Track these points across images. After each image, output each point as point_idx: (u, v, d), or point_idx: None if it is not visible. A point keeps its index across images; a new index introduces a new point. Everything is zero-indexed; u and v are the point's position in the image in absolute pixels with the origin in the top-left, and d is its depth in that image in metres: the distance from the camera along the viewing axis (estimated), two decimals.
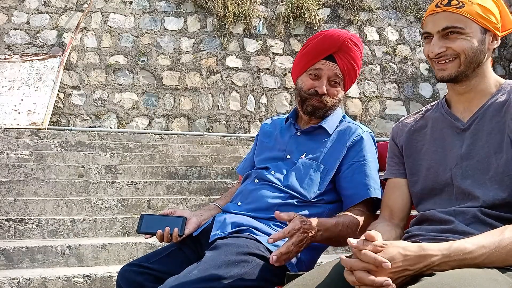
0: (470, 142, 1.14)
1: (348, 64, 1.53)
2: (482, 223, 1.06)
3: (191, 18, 6.83)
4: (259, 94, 6.72)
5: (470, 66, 1.14)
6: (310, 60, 1.55)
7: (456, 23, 1.13)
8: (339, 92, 1.55)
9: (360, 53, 1.56)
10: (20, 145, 4.60)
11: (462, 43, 1.13)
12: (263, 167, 1.58)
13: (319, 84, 1.51)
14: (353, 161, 1.48)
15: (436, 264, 0.92)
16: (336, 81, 1.53)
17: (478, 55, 1.14)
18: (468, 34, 1.13)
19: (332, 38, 1.52)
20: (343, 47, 1.51)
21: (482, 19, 1.13)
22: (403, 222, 1.29)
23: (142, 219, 1.50)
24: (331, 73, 1.52)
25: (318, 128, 1.57)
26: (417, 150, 1.27)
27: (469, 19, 1.12)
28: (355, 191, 1.44)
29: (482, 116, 1.15)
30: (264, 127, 1.74)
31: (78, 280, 2.50)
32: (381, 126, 6.84)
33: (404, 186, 1.30)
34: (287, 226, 1.39)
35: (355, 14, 7.10)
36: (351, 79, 1.58)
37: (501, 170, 1.08)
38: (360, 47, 1.55)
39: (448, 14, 1.14)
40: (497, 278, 0.90)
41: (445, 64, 1.15)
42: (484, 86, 1.18)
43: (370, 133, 1.56)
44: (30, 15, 6.46)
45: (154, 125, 6.40)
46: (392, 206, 1.30)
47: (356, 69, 1.56)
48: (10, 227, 3.01)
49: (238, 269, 1.24)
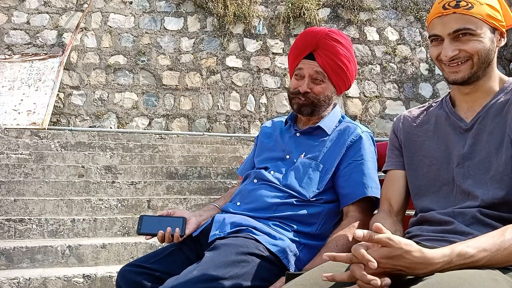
0: (472, 142, 1.14)
1: (328, 60, 1.51)
2: (482, 223, 1.06)
3: (191, 18, 6.83)
4: (259, 94, 6.72)
5: (481, 67, 1.14)
6: (293, 61, 1.58)
7: (467, 25, 1.11)
8: (325, 89, 1.54)
9: (345, 48, 1.53)
10: (20, 145, 4.60)
11: (475, 44, 1.11)
12: (263, 167, 1.58)
13: (302, 83, 1.54)
14: (352, 160, 1.49)
15: (437, 269, 0.92)
16: (318, 78, 1.53)
17: (490, 55, 1.14)
18: (480, 35, 1.11)
19: (308, 36, 1.54)
20: (321, 44, 1.51)
21: (491, 19, 1.12)
22: (401, 216, 1.29)
23: (141, 220, 1.50)
24: (311, 71, 1.52)
25: (317, 129, 1.57)
26: (418, 144, 1.27)
27: (479, 20, 1.11)
28: (352, 190, 1.45)
29: (484, 116, 1.15)
30: (264, 128, 1.75)
31: (78, 280, 2.50)
32: (381, 126, 6.84)
33: (403, 178, 1.30)
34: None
35: (355, 14, 7.10)
36: (338, 75, 1.54)
37: (501, 170, 1.08)
38: (342, 42, 1.53)
39: (458, 16, 1.12)
40: (498, 278, 0.90)
41: (457, 66, 1.14)
42: (489, 85, 1.18)
43: (369, 133, 1.57)
44: (30, 15, 6.46)
45: (154, 125, 6.40)
46: (390, 198, 1.30)
47: (341, 65, 1.53)
48: (10, 227, 3.01)
49: (238, 269, 1.24)
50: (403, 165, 1.30)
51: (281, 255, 1.34)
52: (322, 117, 1.58)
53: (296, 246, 1.39)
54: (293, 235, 1.42)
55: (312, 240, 1.44)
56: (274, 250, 1.34)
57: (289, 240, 1.39)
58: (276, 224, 1.43)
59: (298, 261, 1.38)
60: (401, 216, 1.30)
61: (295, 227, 1.43)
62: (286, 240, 1.38)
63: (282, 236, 1.39)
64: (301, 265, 1.38)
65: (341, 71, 1.54)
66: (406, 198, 1.30)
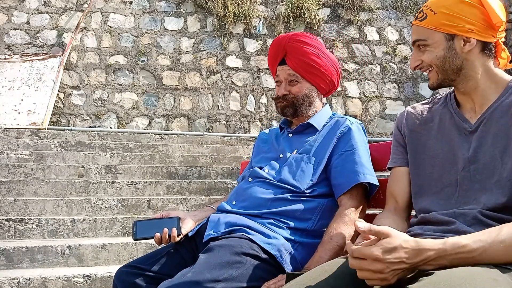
0: (477, 145, 1.13)
1: (298, 61, 1.60)
2: (483, 224, 1.06)
3: (191, 18, 6.83)
4: (259, 94, 6.72)
5: (448, 73, 1.17)
6: (272, 70, 1.72)
7: (420, 36, 1.18)
8: (302, 88, 1.62)
9: (312, 46, 1.61)
10: (20, 145, 4.60)
11: (427, 55, 1.17)
12: (258, 167, 1.62)
13: (280, 88, 1.64)
14: (343, 151, 1.52)
15: (433, 258, 0.92)
16: (292, 79, 1.61)
17: (449, 62, 1.15)
18: (432, 45, 1.16)
19: (276, 44, 1.65)
20: (288, 48, 1.61)
21: (446, 26, 1.14)
22: (407, 213, 1.29)
23: (135, 226, 1.49)
24: (285, 75, 1.62)
25: (307, 127, 1.63)
26: (421, 143, 1.26)
27: (431, 30, 1.16)
28: (345, 179, 1.46)
29: (488, 118, 1.14)
30: (262, 135, 1.82)
31: (78, 280, 2.50)
32: (381, 126, 6.84)
33: (408, 174, 1.30)
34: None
35: (355, 14, 7.10)
36: (311, 73, 1.61)
37: (505, 175, 1.07)
38: (308, 41, 1.61)
39: (415, 28, 1.20)
40: (497, 278, 0.90)
41: (428, 73, 1.21)
42: (484, 87, 1.16)
43: (359, 124, 1.60)
44: (30, 15, 6.46)
45: (154, 125, 6.40)
46: (396, 195, 1.30)
47: (311, 63, 1.60)
48: (10, 227, 3.01)
49: (233, 270, 1.24)
50: (407, 162, 1.30)
51: (276, 254, 1.34)
52: (311, 115, 1.64)
53: (291, 245, 1.39)
54: (288, 232, 1.42)
55: (307, 237, 1.44)
56: (269, 249, 1.34)
57: (284, 239, 1.39)
58: (271, 222, 1.44)
59: (293, 259, 1.38)
60: (407, 213, 1.29)
61: (290, 223, 1.43)
62: (280, 239, 1.38)
63: (276, 235, 1.39)
64: (296, 264, 1.38)
65: (314, 69, 1.61)
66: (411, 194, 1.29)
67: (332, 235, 1.36)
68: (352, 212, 1.41)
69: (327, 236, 1.37)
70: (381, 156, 1.57)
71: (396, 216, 1.25)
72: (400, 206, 1.29)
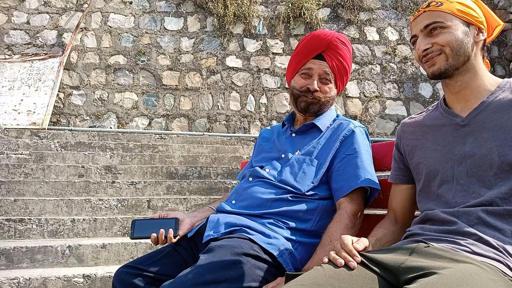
0: (472, 139, 1.15)
1: (337, 62, 1.59)
2: (486, 224, 1.06)
3: (191, 18, 6.83)
4: (259, 94, 6.72)
5: (458, 59, 1.17)
6: (300, 61, 1.62)
7: (436, 19, 1.18)
8: (331, 89, 1.61)
9: (349, 52, 1.61)
10: (20, 145, 4.60)
11: (445, 36, 1.17)
12: (258, 166, 1.61)
13: (310, 82, 1.58)
14: (345, 154, 1.51)
15: None
16: (327, 78, 1.59)
17: (464, 47, 1.17)
18: (450, 27, 1.17)
19: (320, 37, 1.59)
20: (331, 46, 1.58)
21: (463, 13, 1.18)
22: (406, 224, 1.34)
23: (133, 225, 1.50)
24: (321, 71, 1.58)
25: (311, 127, 1.61)
26: (418, 148, 1.28)
27: (449, 14, 1.18)
28: (346, 182, 1.46)
29: (481, 111, 1.15)
30: (263, 133, 1.80)
31: (78, 280, 2.50)
32: (381, 126, 6.84)
33: (405, 190, 1.35)
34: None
35: (355, 14, 7.10)
36: (342, 77, 1.62)
37: (507, 168, 1.07)
38: (348, 46, 1.61)
39: (428, 13, 1.20)
40: (496, 279, 0.90)
41: (432, 60, 1.19)
42: (478, 83, 1.19)
43: (362, 128, 1.60)
44: (30, 15, 6.46)
45: (154, 125, 6.40)
46: (395, 209, 1.37)
47: (346, 67, 1.61)
48: (10, 227, 3.01)
49: (234, 271, 1.23)
50: (402, 179, 1.36)
51: (277, 254, 1.34)
52: (318, 115, 1.62)
53: (291, 245, 1.39)
54: (288, 232, 1.42)
55: (307, 237, 1.44)
56: (269, 249, 1.34)
57: (284, 239, 1.39)
58: (271, 222, 1.43)
59: (293, 259, 1.38)
60: (405, 223, 1.35)
61: (290, 223, 1.43)
62: (281, 239, 1.38)
63: (276, 234, 1.39)
64: (296, 264, 1.38)
65: (345, 73, 1.62)
66: (410, 208, 1.36)
67: (332, 237, 1.36)
68: (352, 216, 1.41)
69: (327, 238, 1.37)
70: (381, 156, 1.57)
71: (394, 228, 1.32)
72: (398, 219, 1.36)
